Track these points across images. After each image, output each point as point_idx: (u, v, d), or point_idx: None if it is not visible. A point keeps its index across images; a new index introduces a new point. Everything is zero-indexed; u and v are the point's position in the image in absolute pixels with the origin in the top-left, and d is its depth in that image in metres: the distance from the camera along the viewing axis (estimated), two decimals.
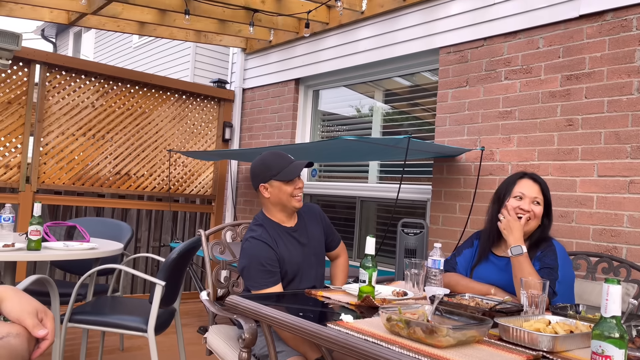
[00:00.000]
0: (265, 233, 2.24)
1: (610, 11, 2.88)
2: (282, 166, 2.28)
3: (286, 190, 2.27)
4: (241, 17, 4.53)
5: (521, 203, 2.12)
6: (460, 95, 3.61)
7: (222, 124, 5.68)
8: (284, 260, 2.24)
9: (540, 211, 2.12)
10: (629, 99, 2.78)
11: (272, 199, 2.31)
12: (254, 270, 2.17)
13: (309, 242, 2.38)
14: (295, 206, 2.30)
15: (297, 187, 2.29)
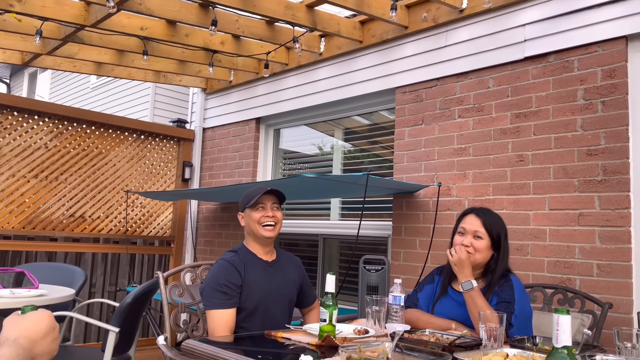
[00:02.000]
0: (237, 257, 2.30)
1: (553, 53, 3.06)
2: (254, 195, 2.35)
3: (254, 217, 2.35)
4: (201, 58, 4.57)
5: (463, 238, 2.17)
6: (416, 133, 3.71)
7: (181, 163, 5.62)
8: (250, 287, 2.24)
9: (482, 245, 2.15)
10: (574, 136, 2.92)
11: (246, 228, 2.41)
12: (211, 289, 2.20)
13: (282, 281, 2.38)
14: (263, 235, 2.33)
15: (265, 215, 2.34)
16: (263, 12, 3.52)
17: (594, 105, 2.85)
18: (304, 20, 3.71)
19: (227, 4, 3.36)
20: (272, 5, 3.56)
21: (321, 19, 3.79)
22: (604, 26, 2.84)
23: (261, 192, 2.34)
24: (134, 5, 3.38)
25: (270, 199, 2.39)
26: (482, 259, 2.16)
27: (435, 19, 3.61)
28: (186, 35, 4.08)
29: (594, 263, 2.78)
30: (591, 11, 2.90)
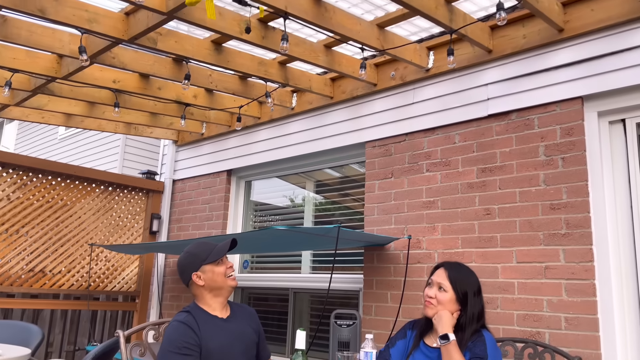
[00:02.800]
0: (190, 317, 2.21)
1: (515, 111, 3.20)
2: (209, 250, 2.30)
3: (219, 272, 2.29)
4: (173, 111, 4.59)
5: (429, 290, 2.18)
6: (386, 186, 3.76)
7: (150, 215, 5.52)
8: (208, 347, 2.15)
9: (446, 298, 2.15)
10: (537, 190, 3.01)
11: (207, 285, 2.29)
12: (169, 353, 2.10)
13: (241, 337, 2.30)
14: (231, 285, 2.31)
15: (229, 267, 2.32)
16: (236, 67, 3.60)
17: (555, 161, 2.97)
18: (276, 76, 3.80)
19: (201, 59, 3.43)
20: (245, 61, 3.65)
21: (293, 75, 3.90)
22: (561, 87, 3.01)
23: (227, 244, 2.31)
24: (107, 59, 3.41)
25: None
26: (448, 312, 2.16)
27: (403, 77, 3.75)
28: (159, 89, 4.11)
29: (562, 316, 2.80)
30: (549, 73, 3.07)
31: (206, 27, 2.94)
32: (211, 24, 2.94)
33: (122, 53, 3.48)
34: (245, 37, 3.08)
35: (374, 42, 3.22)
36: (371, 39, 3.20)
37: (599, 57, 2.88)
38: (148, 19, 2.92)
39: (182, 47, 3.33)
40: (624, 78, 2.78)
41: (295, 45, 3.34)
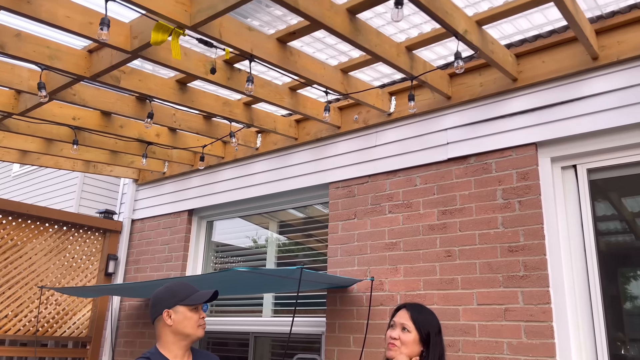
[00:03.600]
0: None
1: (473, 155, 3.30)
2: (189, 293, 2.21)
3: (192, 318, 2.19)
4: (134, 149, 4.52)
5: (392, 331, 2.17)
6: (349, 227, 3.77)
7: (106, 256, 5.32)
8: None
9: (409, 339, 2.14)
10: (496, 232, 3.08)
11: (174, 327, 2.18)
12: None
13: None
14: (199, 335, 2.21)
15: (202, 317, 2.22)
16: (201, 107, 3.60)
17: (512, 205, 3.06)
18: (241, 117, 3.81)
19: (165, 98, 3.42)
20: (210, 101, 3.65)
21: (258, 116, 3.92)
22: (516, 133, 3.13)
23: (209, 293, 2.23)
24: (68, 95, 3.35)
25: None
26: (410, 353, 2.14)
27: (365, 121, 3.83)
28: (120, 127, 4.06)
29: (522, 359, 2.82)
30: (505, 119, 3.20)
31: (171, 67, 2.95)
32: (176, 63, 2.95)
33: (83, 90, 3.43)
34: (211, 78, 3.10)
35: (338, 86, 3.29)
36: (335, 83, 3.27)
37: (550, 105, 3.04)
38: (112, 57, 2.91)
39: (146, 86, 3.31)
40: (574, 126, 2.92)
41: (260, 87, 3.38)
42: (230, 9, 2.36)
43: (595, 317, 2.78)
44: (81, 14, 2.53)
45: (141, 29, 2.67)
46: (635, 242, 2.88)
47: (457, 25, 2.57)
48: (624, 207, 2.95)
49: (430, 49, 3.21)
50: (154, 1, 2.34)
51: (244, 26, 2.76)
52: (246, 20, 2.92)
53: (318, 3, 2.45)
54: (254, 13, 2.86)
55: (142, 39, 2.66)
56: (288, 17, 2.86)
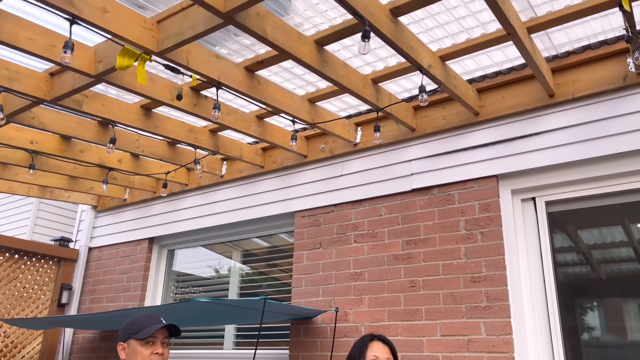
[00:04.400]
0: None
1: (437, 187, 3.36)
2: (145, 325, 2.10)
3: (143, 353, 2.08)
4: (94, 175, 4.40)
5: None
6: (314, 256, 3.74)
7: (59, 286, 5.09)
8: None
9: None
10: (459, 263, 3.12)
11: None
12: None
13: None
14: None
15: (155, 352, 2.10)
16: (165, 133, 3.55)
17: (474, 236, 3.11)
18: (206, 144, 3.78)
19: (129, 123, 3.36)
20: (175, 128, 3.61)
21: (224, 144, 3.89)
22: (478, 165, 3.21)
23: (158, 325, 2.13)
24: (26, 119, 3.25)
25: (162, 333, 2.19)
26: None
27: (332, 150, 3.86)
28: (81, 152, 3.95)
29: None
30: (467, 152, 3.28)
31: (136, 92, 2.91)
32: (141, 89, 2.91)
33: (42, 113, 3.34)
34: (176, 104, 3.07)
35: (305, 116, 3.31)
36: (302, 113, 3.29)
37: (510, 139, 3.14)
38: (74, 80, 2.85)
39: (109, 111, 3.25)
40: (533, 160, 3.02)
41: (227, 114, 3.36)
42: (199, 36, 2.36)
43: (555, 348, 2.83)
44: (44, 37, 2.48)
45: (106, 53, 2.63)
46: (592, 273, 2.96)
47: (421, 60, 2.64)
48: (580, 239, 3.04)
49: (395, 81, 3.28)
50: (121, 26, 2.31)
51: (212, 54, 2.76)
52: (214, 48, 2.92)
53: (286, 34, 2.48)
54: (222, 41, 2.86)
55: (107, 63, 2.62)
56: (256, 46, 2.88)
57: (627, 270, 2.85)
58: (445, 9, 2.61)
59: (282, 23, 2.46)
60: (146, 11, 2.56)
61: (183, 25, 2.39)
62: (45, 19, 2.55)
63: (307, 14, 2.63)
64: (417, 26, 2.73)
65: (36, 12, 2.51)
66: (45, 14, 2.51)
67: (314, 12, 2.62)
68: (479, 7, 2.59)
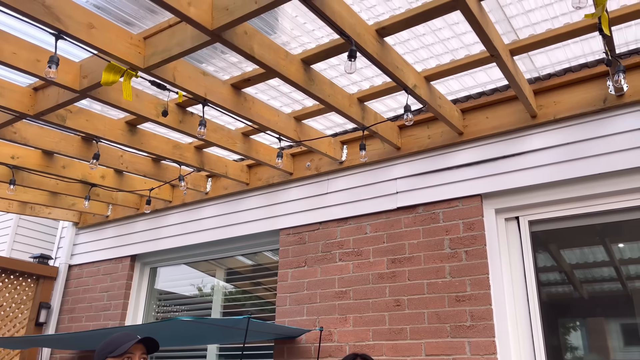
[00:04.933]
0: None
1: (422, 205, 3.37)
2: (120, 343, 2.07)
3: None
4: (76, 191, 4.34)
5: None
6: (299, 275, 3.71)
7: (37, 305, 4.97)
8: None
9: None
10: (444, 282, 3.12)
11: None
12: None
13: None
14: None
15: None
16: (150, 149, 3.52)
17: (459, 254, 3.12)
18: (191, 160, 3.76)
19: (113, 139, 3.33)
20: (160, 144, 3.59)
21: (209, 160, 3.88)
22: (462, 185, 3.24)
23: (132, 341, 2.10)
24: (8, 133, 3.20)
25: (139, 348, 2.15)
26: None
27: (318, 168, 3.86)
28: (63, 167, 3.90)
29: None
30: (451, 171, 3.31)
31: (121, 108, 2.89)
32: (127, 105, 2.89)
33: (24, 128, 3.29)
34: (162, 120, 3.06)
35: (291, 134, 3.32)
36: (288, 130, 3.30)
37: (494, 159, 3.17)
38: (58, 95, 2.82)
39: (93, 126, 3.22)
40: (516, 179, 3.06)
41: (213, 131, 3.35)
42: (185, 53, 2.37)
43: None
44: (28, 51, 2.46)
45: (92, 68, 2.62)
46: (574, 293, 2.99)
47: (407, 80, 2.67)
48: (563, 259, 3.07)
49: (381, 101, 3.31)
50: (107, 42, 2.31)
51: (199, 71, 2.76)
52: (201, 65, 2.93)
53: (274, 52, 2.50)
54: (209, 58, 2.87)
55: (92, 78, 2.61)
56: (243, 64, 2.89)
57: (608, 290, 2.88)
58: (430, 30, 2.66)
59: (269, 41, 2.48)
60: (133, 27, 2.56)
61: (170, 42, 2.40)
62: (31, 34, 2.54)
63: (294, 33, 2.66)
64: (402, 47, 2.77)
65: (21, 26, 2.49)
66: (30, 28, 2.50)
67: (300, 32, 2.65)
68: (463, 29, 2.64)
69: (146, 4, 2.41)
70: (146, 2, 2.40)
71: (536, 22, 2.59)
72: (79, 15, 2.20)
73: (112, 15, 2.48)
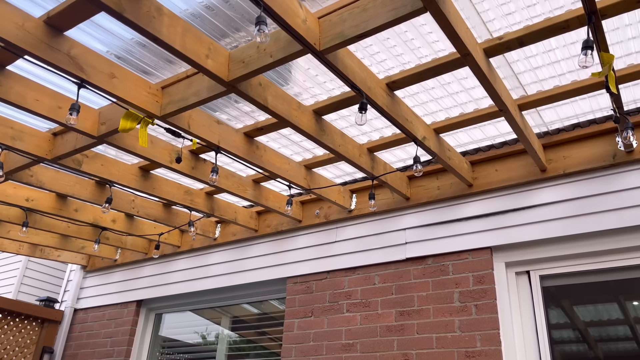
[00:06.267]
0: None
1: (431, 257, 3.34)
2: None
3: None
4: (87, 234, 4.37)
5: None
6: (305, 325, 3.65)
7: (41, 349, 4.90)
8: None
9: None
10: (453, 337, 3.04)
11: None
12: None
13: None
14: None
15: None
16: (162, 194, 3.57)
17: (469, 308, 3.06)
18: (202, 206, 3.79)
19: (126, 184, 3.38)
20: (171, 189, 3.63)
21: (219, 206, 3.91)
22: (472, 237, 3.22)
23: None
24: (25, 176, 3.27)
25: None
26: None
27: (327, 216, 3.87)
28: (75, 210, 3.94)
29: None
30: (461, 223, 3.30)
31: (136, 154, 2.95)
32: (142, 151, 2.96)
33: (41, 172, 3.37)
34: (175, 167, 3.11)
35: (301, 182, 3.35)
36: (299, 178, 3.34)
37: (503, 212, 3.16)
38: (77, 140, 2.90)
39: (107, 171, 3.28)
40: (526, 233, 3.04)
41: (224, 177, 3.40)
42: (201, 103, 2.44)
43: None
44: (50, 98, 2.55)
45: (110, 115, 2.70)
46: (589, 352, 2.90)
47: (416, 132, 2.72)
48: (576, 316, 3.00)
49: (390, 151, 3.35)
50: (127, 91, 2.39)
51: (213, 119, 2.84)
52: (215, 114, 3.00)
53: (286, 103, 2.57)
54: (223, 107, 2.95)
55: (110, 125, 2.68)
56: (256, 113, 2.97)
57: (624, 349, 2.79)
58: (440, 84, 2.72)
59: (282, 92, 2.56)
60: (151, 77, 2.65)
61: (187, 92, 2.48)
62: (53, 82, 2.64)
63: (307, 84, 2.74)
64: (412, 99, 2.84)
65: (44, 74, 2.60)
66: (52, 76, 2.60)
67: (313, 83, 2.73)
68: (472, 83, 2.71)
69: (165, 55, 2.51)
70: (164, 54, 2.50)
71: (543, 78, 2.65)
72: (101, 65, 2.29)
73: (132, 65, 2.58)
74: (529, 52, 2.48)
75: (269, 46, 2.16)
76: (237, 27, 2.34)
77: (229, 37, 2.40)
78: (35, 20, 2.07)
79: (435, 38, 2.38)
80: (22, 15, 2.04)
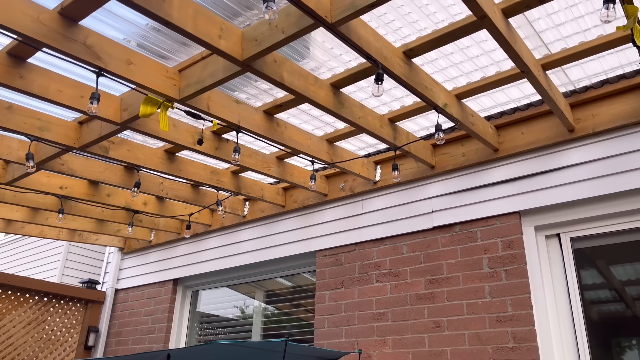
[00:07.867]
0: None
1: (458, 224, 3.32)
2: None
3: None
4: (121, 217, 4.50)
5: None
6: (336, 297, 3.71)
7: (86, 328, 5.14)
8: None
9: None
10: (484, 302, 3.04)
11: None
12: None
13: None
14: None
15: None
16: (189, 176, 3.63)
17: (498, 274, 3.04)
18: (228, 185, 3.84)
19: (153, 167, 3.45)
20: (197, 170, 3.69)
21: (245, 185, 3.96)
22: (500, 202, 3.17)
23: None
24: (56, 165, 3.38)
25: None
26: None
27: (352, 189, 3.87)
28: (108, 195, 4.06)
29: None
30: (488, 188, 3.25)
31: (160, 138, 3.00)
32: (164, 134, 3.00)
33: (71, 160, 3.46)
34: (198, 148, 3.15)
35: (324, 156, 3.35)
36: (321, 153, 3.34)
37: (531, 175, 3.10)
38: (101, 128, 2.96)
39: (134, 156, 3.35)
40: (555, 195, 2.97)
41: (247, 156, 3.43)
42: (218, 83, 2.45)
43: None
44: (72, 88, 2.61)
45: (131, 101, 2.75)
46: (626, 311, 2.85)
47: (436, 99, 2.67)
48: (613, 276, 2.95)
49: (412, 120, 3.31)
50: (145, 76, 2.42)
51: (232, 99, 2.85)
52: (233, 94, 3.02)
53: (303, 78, 2.55)
54: (241, 87, 2.96)
55: (131, 111, 2.73)
56: (274, 90, 2.96)
57: None
58: (459, 49, 2.65)
59: (298, 68, 2.54)
60: (168, 61, 2.67)
61: (203, 74, 2.49)
62: (74, 71, 2.69)
63: (323, 58, 2.71)
64: (431, 66, 2.78)
65: (65, 65, 2.65)
66: (73, 66, 2.65)
67: (328, 56, 2.69)
68: (492, 46, 2.63)
69: (179, 38, 2.52)
70: (179, 37, 2.51)
71: (567, 35, 2.55)
72: (117, 52, 2.32)
73: (148, 50, 2.60)
74: (551, 9, 2.38)
75: (280, 22, 2.14)
76: (248, 5, 2.32)
77: (241, 16, 2.39)
78: (49, 12, 2.10)
79: (451, 2, 2.31)
80: (36, 8, 2.07)
